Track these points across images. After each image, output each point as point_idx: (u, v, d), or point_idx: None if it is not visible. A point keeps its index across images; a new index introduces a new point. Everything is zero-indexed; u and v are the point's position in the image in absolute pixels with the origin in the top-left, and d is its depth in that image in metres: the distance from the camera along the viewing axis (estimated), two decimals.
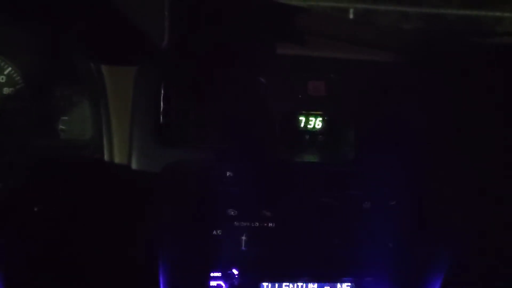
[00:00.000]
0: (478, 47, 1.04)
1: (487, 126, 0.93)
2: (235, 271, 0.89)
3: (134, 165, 0.82)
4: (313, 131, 0.91)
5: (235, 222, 0.87)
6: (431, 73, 0.94)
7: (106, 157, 0.83)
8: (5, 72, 0.91)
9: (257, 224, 0.88)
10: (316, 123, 0.90)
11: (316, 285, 0.92)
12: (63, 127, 0.94)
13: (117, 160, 0.83)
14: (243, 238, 0.87)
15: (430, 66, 0.94)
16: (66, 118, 0.94)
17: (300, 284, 0.92)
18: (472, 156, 0.92)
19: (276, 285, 0.92)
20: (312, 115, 0.90)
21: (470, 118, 0.93)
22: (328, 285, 0.93)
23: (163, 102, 0.82)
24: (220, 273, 0.89)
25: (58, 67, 0.92)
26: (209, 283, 0.89)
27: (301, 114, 0.90)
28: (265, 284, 0.91)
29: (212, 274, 0.89)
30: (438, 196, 0.92)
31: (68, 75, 0.92)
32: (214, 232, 0.87)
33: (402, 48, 0.92)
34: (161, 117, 0.83)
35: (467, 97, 0.94)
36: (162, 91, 0.82)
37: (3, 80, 0.91)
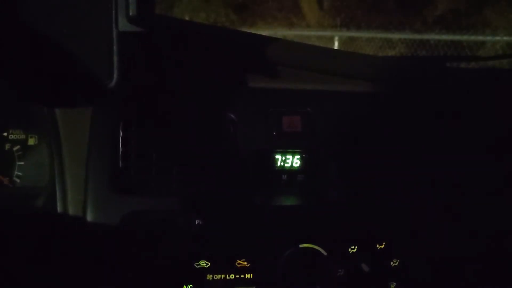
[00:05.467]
0: (462, 72, 1.01)
1: (476, 155, 0.88)
2: None
3: (89, 217, 0.73)
4: (291, 170, 0.84)
5: (207, 275, 0.79)
6: (412, 102, 0.89)
7: (58, 208, 0.75)
8: None
9: (233, 276, 0.79)
10: (293, 161, 0.84)
11: None
12: (19, 173, 0.87)
13: (70, 211, 0.74)
14: None
15: (411, 95, 0.89)
16: (22, 163, 0.88)
17: None
18: (462, 188, 0.86)
19: None
20: (288, 152, 0.83)
21: (457, 148, 0.88)
22: None
23: (122, 144, 0.75)
24: None
25: (10, 109, 0.85)
26: None
27: (277, 152, 0.83)
28: None
29: None
30: (429, 237, 0.85)
31: (21, 117, 0.86)
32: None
33: (381, 77, 0.87)
34: (120, 161, 0.75)
35: (452, 125, 0.89)
36: (121, 133, 0.75)
37: None
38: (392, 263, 0.84)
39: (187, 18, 4.66)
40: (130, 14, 0.60)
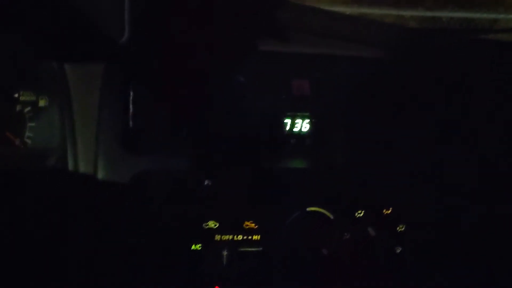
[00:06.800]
0: (472, 43, 0.99)
1: (482, 123, 0.88)
2: None
3: (100, 175, 0.74)
4: (300, 134, 0.84)
5: (215, 236, 0.80)
6: (422, 69, 0.87)
7: (70, 167, 0.76)
8: None
9: (240, 237, 0.80)
10: (302, 125, 0.83)
11: None
12: (30, 134, 0.87)
13: (81, 169, 0.75)
14: (225, 253, 0.79)
15: (422, 62, 0.88)
16: (33, 124, 0.88)
17: None
18: (469, 154, 0.86)
19: None
20: (298, 116, 0.83)
21: (464, 114, 0.87)
22: None
23: (132, 104, 0.75)
24: None
25: (21, 70, 0.85)
26: None
27: (286, 116, 0.83)
28: None
29: None
30: (436, 202, 0.85)
31: (32, 78, 0.85)
32: (193, 247, 0.79)
33: (392, 44, 0.86)
34: (130, 121, 0.75)
35: (460, 93, 0.88)
36: (131, 93, 0.75)
37: None
38: (398, 228, 0.84)
39: None
40: None
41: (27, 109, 0.87)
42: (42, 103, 0.88)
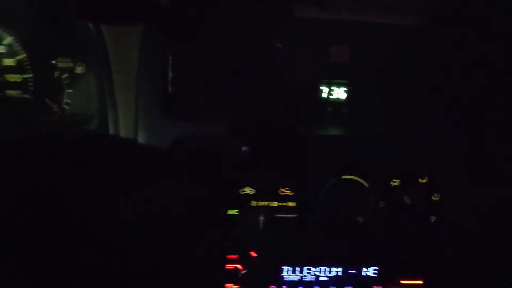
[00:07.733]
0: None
1: None
2: (253, 254, 0.84)
3: (140, 140, 0.75)
4: (337, 102, 0.83)
5: (252, 201, 0.81)
6: (462, 36, 0.84)
7: (110, 131, 0.77)
8: (5, 42, 0.85)
9: (276, 203, 0.81)
10: (339, 93, 0.82)
11: (340, 269, 0.86)
12: (68, 101, 0.89)
13: (122, 134, 0.76)
14: (261, 218, 0.80)
15: (461, 29, 0.85)
16: (71, 91, 0.89)
17: (323, 268, 0.86)
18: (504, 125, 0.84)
19: (298, 268, 0.85)
20: (335, 84, 0.82)
21: (499, 83, 0.84)
22: (353, 270, 0.86)
23: (171, 70, 0.75)
24: (237, 256, 0.84)
25: (60, 35, 0.85)
26: (225, 266, 0.84)
27: (323, 83, 0.82)
28: (285, 267, 0.85)
29: (228, 257, 0.84)
30: (472, 173, 0.84)
31: (69, 44, 0.86)
32: (229, 212, 0.81)
33: (431, 10, 0.83)
34: (169, 87, 0.75)
35: (501, 60, 0.84)
36: (170, 58, 0.75)
37: (4, 51, 0.85)
38: (433, 197, 0.84)
39: None
40: None
41: (65, 75, 0.88)
42: (79, 69, 0.89)
